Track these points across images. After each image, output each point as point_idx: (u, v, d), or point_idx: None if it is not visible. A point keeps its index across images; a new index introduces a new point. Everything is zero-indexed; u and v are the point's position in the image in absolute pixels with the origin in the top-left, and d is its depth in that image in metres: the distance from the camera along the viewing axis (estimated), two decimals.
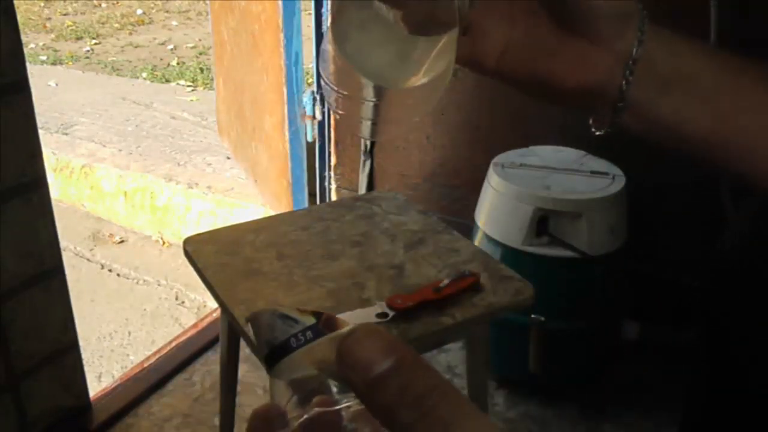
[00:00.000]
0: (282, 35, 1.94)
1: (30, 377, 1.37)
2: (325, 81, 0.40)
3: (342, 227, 1.21)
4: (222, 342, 1.24)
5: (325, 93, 0.41)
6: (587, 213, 1.42)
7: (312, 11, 1.98)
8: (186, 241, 1.15)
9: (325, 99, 0.40)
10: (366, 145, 2.01)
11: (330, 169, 2.15)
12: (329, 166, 2.15)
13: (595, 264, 1.45)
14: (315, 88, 2.06)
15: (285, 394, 0.26)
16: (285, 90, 2.01)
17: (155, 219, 2.77)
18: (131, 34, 5.93)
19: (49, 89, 4.08)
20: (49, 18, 6.44)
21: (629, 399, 1.62)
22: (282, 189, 2.15)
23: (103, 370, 2.02)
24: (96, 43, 5.62)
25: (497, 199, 1.49)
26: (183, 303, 2.35)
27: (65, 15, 6.56)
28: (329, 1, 1.95)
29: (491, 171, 1.52)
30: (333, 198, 2.16)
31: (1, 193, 1.24)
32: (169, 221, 2.74)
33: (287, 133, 2.05)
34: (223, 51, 2.59)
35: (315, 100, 2.05)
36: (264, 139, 2.26)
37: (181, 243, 1.16)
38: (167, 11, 6.64)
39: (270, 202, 2.34)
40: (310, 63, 2.09)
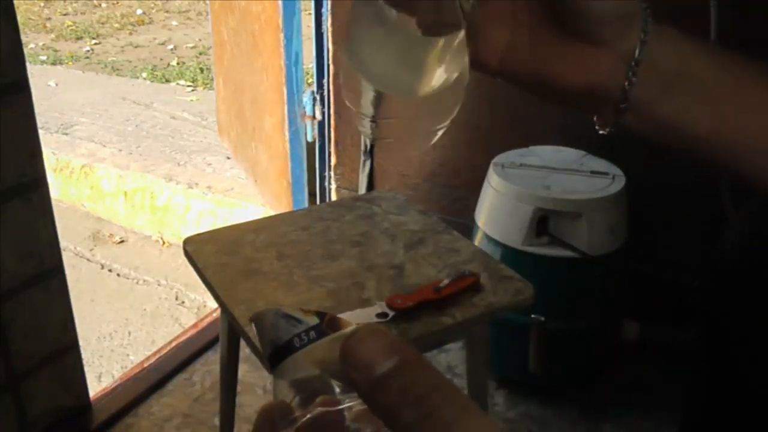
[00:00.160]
0: (282, 35, 1.94)
1: (30, 377, 1.37)
2: (359, 113, 0.41)
3: (342, 227, 1.21)
4: (222, 342, 1.24)
5: (361, 127, 0.42)
6: (587, 213, 1.42)
7: (312, 11, 1.98)
8: (186, 241, 1.15)
9: (361, 131, 0.41)
10: (366, 145, 2.01)
11: (330, 169, 2.15)
12: (329, 166, 2.15)
13: (595, 264, 1.45)
14: (315, 88, 2.06)
15: (288, 394, 0.26)
16: (285, 90, 2.01)
17: (155, 219, 2.77)
18: (131, 34, 5.93)
19: (49, 89, 4.08)
20: (49, 18, 6.44)
21: (629, 399, 1.62)
22: (282, 189, 2.15)
23: (103, 370, 2.02)
24: (96, 43, 5.62)
25: (497, 199, 1.49)
26: (183, 303, 2.35)
27: (65, 15, 6.56)
28: (329, 1, 1.95)
29: (491, 171, 1.52)
30: (333, 198, 2.16)
31: (1, 193, 1.24)
32: (169, 221, 2.74)
33: (287, 133, 2.05)
34: (223, 51, 2.59)
35: (315, 100, 2.05)
36: (264, 139, 2.26)
37: (181, 243, 1.16)
38: (167, 11, 6.64)
39: (270, 202, 2.34)
40: (310, 63, 2.09)
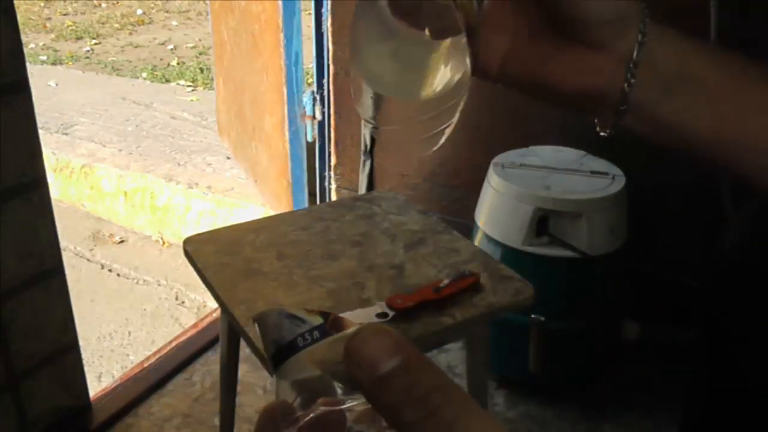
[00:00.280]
0: (282, 35, 1.94)
1: (30, 377, 1.37)
2: (367, 121, 0.42)
3: (342, 227, 1.21)
4: (222, 342, 1.24)
5: (372, 132, 0.43)
6: (587, 213, 1.42)
7: (312, 11, 1.98)
8: (186, 241, 1.15)
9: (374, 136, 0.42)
10: (366, 145, 2.01)
11: (330, 169, 2.15)
12: (329, 166, 2.15)
13: (595, 264, 1.45)
14: (315, 88, 2.06)
15: (290, 394, 0.26)
16: (285, 90, 2.01)
17: (155, 219, 2.77)
18: (131, 34, 5.93)
19: (49, 89, 4.08)
20: (49, 18, 6.44)
21: (629, 399, 1.62)
22: (282, 189, 2.15)
23: (103, 370, 2.02)
24: (96, 43, 5.62)
25: (497, 199, 1.49)
26: (183, 303, 2.35)
27: (65, 15, 6.56)
28: (329, 1, 1.95)
29: (491, 171, 1.52)
30: (333, 198, 2.16)
31: (1, 193, 1.24)
32: (169, 221, 2.74)
33: (287, 133, 2.05)
34: (223, 51, 2.59)
35: (315, 100, 2.05)
36: (264, 139, 2.26)
37: (181, 243, 1.16)
38: (167, 11, 6.64)
39: (270, 202, 2.34)
40: (310, 63, 2.09)
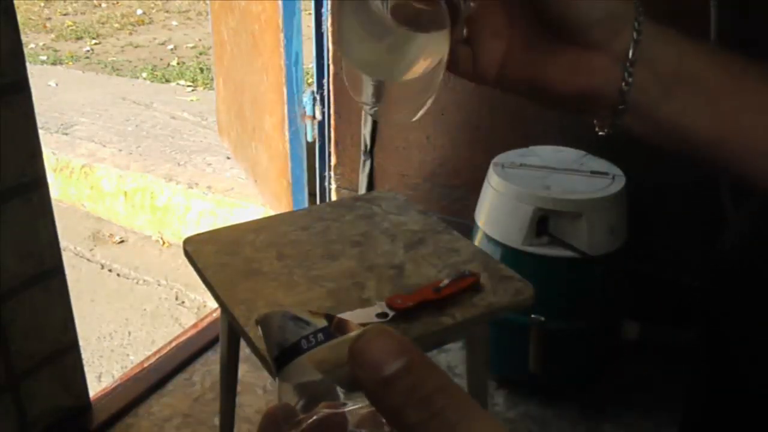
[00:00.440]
0: (282, 35, 1.94)
1: (30, 377, 1.37)
2: (362, 103, 0.42)
3: (342, 227, 1.21)
4: (222, 342, 1.24)
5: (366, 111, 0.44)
6: (587, 213, 1.42)
7: (312, 11, 1.98)
8: (186, 241, 1.15)
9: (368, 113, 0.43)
10: (366, 145, 2.01)
11: (330, 169, 2.15)
12: (329, 166, 2.15)
13: (595, 264, 1.45)
14: (315, 88, 2.06)
15: (292, 397, 0.26)
16: (285, 90, 2.00)
17: (155, 219, 2.77)
18: (131, 34, 5.93)
19: (49, 89, 4.08)
20: (49, 18, 6.44)
21: (629, 399, 1.62)
22: (282, 189, 2.15)
23: (103, 370, 2.02)
24: (96, 43, 5.62)
25: (497, 199, 1.49)
26: (183, 303, 2.35)
27: (65, 15, 6.56)
28: (329, 1, 1.95)
29: (491, 171, 1.52)
30: (333, 198, 2.16)
31: (1, 193, 1.24)
32: (169, 221, 2.74)
33: (287, 133, 2.05)
34: (223, 51, 2.59)
35: (315, 100, 2.05)
36: (264, 139, 2.26)
37: (181, 243, 1.16)
38: (167, 11, 6.64)
39: (270, 202, 2.34)
40: (310, 63, 2.09)
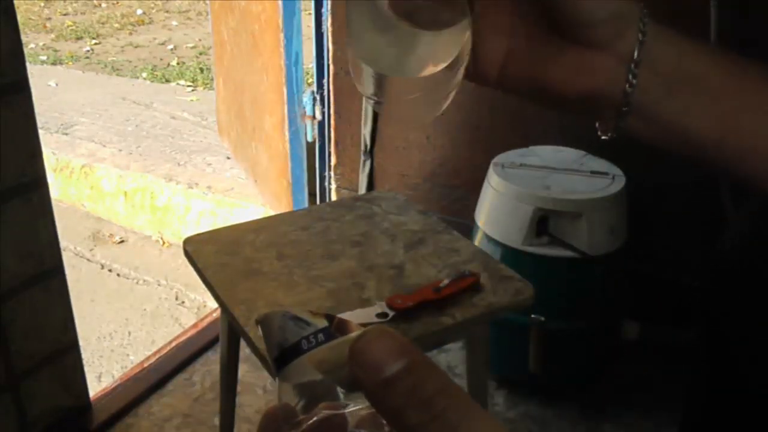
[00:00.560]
0: (282, 35, 1.94)
1: (30, 377, 1.37)
2: (369, 97, 0.41)
3: (342, 227, 1.21)
4: (222, 342, 1.24)
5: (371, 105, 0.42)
6: (587, 213, 1.42)
7: (312, 11, 1.98)
8: (186, 241, 1.15)
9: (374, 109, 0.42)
10: (366, 145, 2.01)
11: (330, 169, 2.15)
12: (329, 166, 2.15)
13: (595, 264, 1.45)
14: (315, 88, 2.06)
15: (292, 397, 0.26)
16: (285, 90, 2.00)
17: (155, 219, 2.77)
18: (131, 34, 5.93)
19: (49, 89, 4.08)
20: (49, 18, 6.44)
21: (629, 399, 1.62)
22: (282, 189, 2.15)
23: (103, 370, 2.02)
24: (96, 43, 5.62)
25: (497, 199, 1.49)
26: (183, 303, 2.35)
27: (65, 15, 6.56)
28: (329, 1, 1.95)
29: (491, 171, 1.52)
30: (333, 198, 2.16)
31: (1, 193, 1.24)
32: (169, 221, 2.74)
33: (287, 133, 2.05)
34: (223, 51, 2.59)
35: (315, 100, 2.05)
36: (264, 139, 2.26)
37: (181, 243, 1.16)
38: (167, 11, 6.64)
39: (270, 202, 2.34)
40: (310, 63, 2.09)
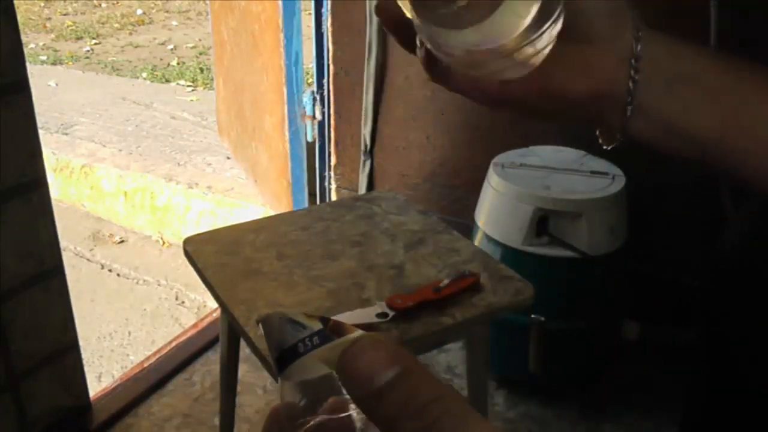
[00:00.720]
0: (282, 35, 1.94)
1: (30, 377, 1.37)
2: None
3: (342, 227, 1.21)
4: (222, 342, 1.24)
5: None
6: (587, 213, 1.42)
7: (312, 11, 1.98)
8: (186, 241, 1.15)
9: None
10: (366, 145, 2.01)
11: (330, 169, 2.15)
12: (329, 166, 2.15)
13: (595, 264, 1.45)
14: (315, 88, 2.06)
15: (295, 396, 0.26)
16: (285, 90, 2.00)
17: (155, 219, 2.77)
18: (131, 34, 5.93)
19: (49, 89, 4.08)
20: (49, 18, 6.44)
21: (629, 399, 1.62)
22: (282, 189, 2.15)
23: (103, 370, 2.02)
24: (96, 43, 5.62)
25: (497, 199, 1.49)
26: (183, 303, 2.35)
27: (65, 15, 6.56)
28: (329, 1, 1.95)
29: (491, 171, 1.52)
30: (333, 198, 2.16)
31: (1, 193, 1.24)
32: (169, 221, 2.74)
33: (287, 133, 2.05)
34: (223, 51, 2.59)
35: (315, 100, 2.05)
36: (264, 139, 2.26)
37: (181, 243, 1.16)
38: (167, 11, 6.64)
39: (270, 202, 2.34)
40: (310, 63, 2.09)
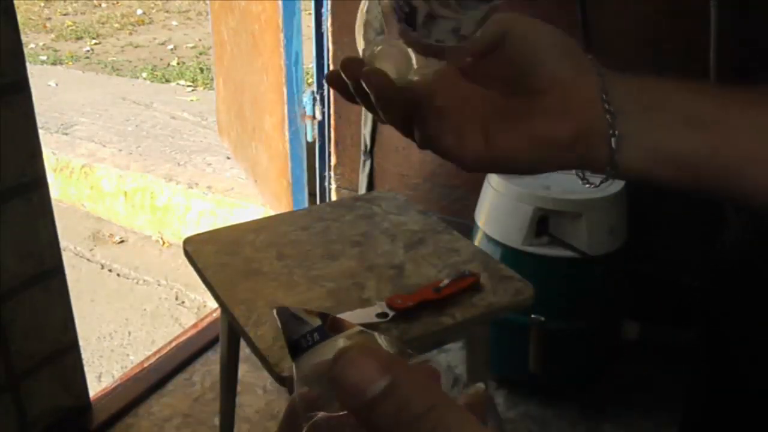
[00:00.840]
0: (282, 35, 1.94)
1: (30, 377, 1.37)
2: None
3: (342, 227, 1.21)
4: (222, 342, 1.24)
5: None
6: (587, 213, 1.42)
7: (312, 11, 1.98)
8: (186, 241, 1.15)
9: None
10: (366, 145, 2.01)
11: (330, 169, 2.15)
12: (329, 166, 2.15)
13: (595, 264, 1.45)
14: (315, 88, 2.06)
15: (308, 385, 0.27)
16: (285, 90, 2.00)
17: (155, 219, 2.77)
18: (131, 34, 5.93)
19: (49, 89, 4.08)
20: (49, 18, 6.44)
21: (629, 399, 1.62)
22: (282, 189, 2.15)
23: (103, 370, 2.02)
24: (96, 43, 5.62)
25: (497, 199, 1.49)
26: (183, 303, 2.35)
27: (65, 15, 6.56)
28: (329, 1, 1.95)
29: None
30: (333, 198, 2.16)
31: (1, 193, 1.24)
32: (169, 221, 2.74)
33: (287, 133, 2.05)
34: (223, 51, 2.59)
35: (315, 100, 2.05)
36: (264, 139, 2.26)
37: (181, 243, 1.16)
38: (167, 11, 6.64)
39: (270, 202, 2.34)
40: (310, 63, 2.09)
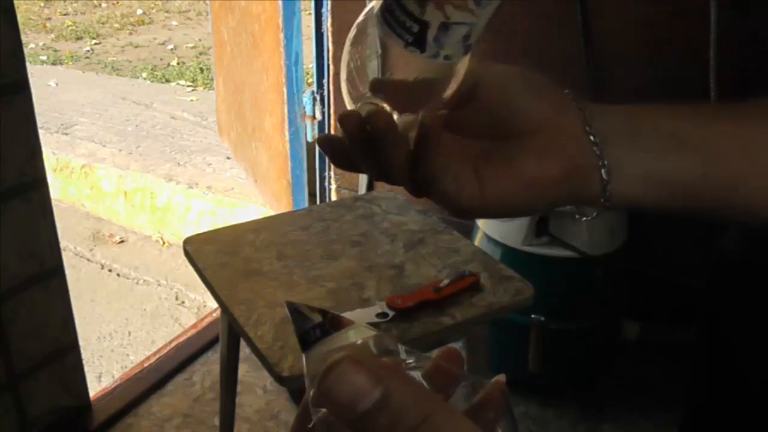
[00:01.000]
0: (282, 35, 1.94)
1: (30, 377, 1.37)
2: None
3: (342, 227, 1.21)
4: (222, 342, 1.24)
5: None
6: (587, 213, 1.42)
7: (312, 11, 1.98)
8: (186, 241, 1.15)
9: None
10: None
11: (330, 169, 2.15)
12: (329, 166, 2.14)
13: (595, 264, 1.45)
14: (315, 88, 2.06)
15: (310, 386, 0.27)
16: (285, 90, 2.00)
17: (155, 219, 2.77)
18: (131, 34, 5.93)
19: (49, 89, 4.08)
20: (49, 18, 6.44)
21: (629, 399, 1.62)
22: (282, 189, 2.15)
23: (103, 370, 2.02)
24: (96, 43, 5.62)
25: None
26: (183, 303, 2.35)
27: (65, 15, 6.56)
28: (329, 1, 1.95)
29: None
30: (333, 198, 2.16)
31: (1, 193, 1.24)
32: (169, 221, 2.74)
33: (287, 133, 2.05)
34: (223, 51, 2.59)
35: (315, 100, 2.05)
36: (264, 139, 2.26)
37: (181, 243, 1.16)
38: (167, 11, 6.64)
39: (270, 202, 2.34)
40: (310, 63, 2.09)
